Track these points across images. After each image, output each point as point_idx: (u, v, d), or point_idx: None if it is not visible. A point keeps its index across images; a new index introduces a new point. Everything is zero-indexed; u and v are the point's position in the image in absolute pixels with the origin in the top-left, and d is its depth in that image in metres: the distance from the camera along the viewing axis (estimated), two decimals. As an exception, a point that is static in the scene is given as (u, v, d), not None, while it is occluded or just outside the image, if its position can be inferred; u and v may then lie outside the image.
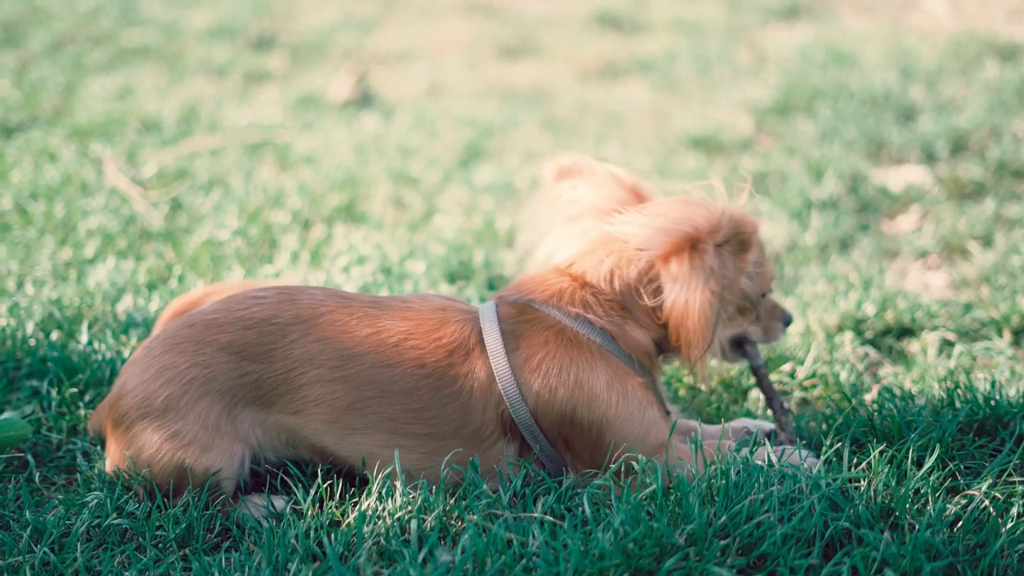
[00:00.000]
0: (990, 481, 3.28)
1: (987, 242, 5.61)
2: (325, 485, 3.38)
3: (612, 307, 3.46)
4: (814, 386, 4.21)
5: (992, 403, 3.70)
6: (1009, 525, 3.10)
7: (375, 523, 3.19)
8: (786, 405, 3.70)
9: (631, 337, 3.46)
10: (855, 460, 3.44)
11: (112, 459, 3.45)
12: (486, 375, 3.37)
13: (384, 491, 3.30)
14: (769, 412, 3.86)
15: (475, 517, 3.15)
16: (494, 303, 3.50)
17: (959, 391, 3.81)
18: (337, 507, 3.34)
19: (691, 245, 3.33)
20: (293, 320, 3.40)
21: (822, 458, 3.40)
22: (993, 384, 3.82)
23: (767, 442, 3.53)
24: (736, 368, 4.25)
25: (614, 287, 3.46)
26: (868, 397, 4.05)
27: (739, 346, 3.75)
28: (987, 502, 3.18)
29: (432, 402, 3.37)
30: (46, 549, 3.18)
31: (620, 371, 3.39)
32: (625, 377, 3.39)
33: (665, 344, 3.52)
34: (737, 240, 3.42)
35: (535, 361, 3.37)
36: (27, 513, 3.32)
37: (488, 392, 3.37)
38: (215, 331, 3.40)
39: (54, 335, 4.36)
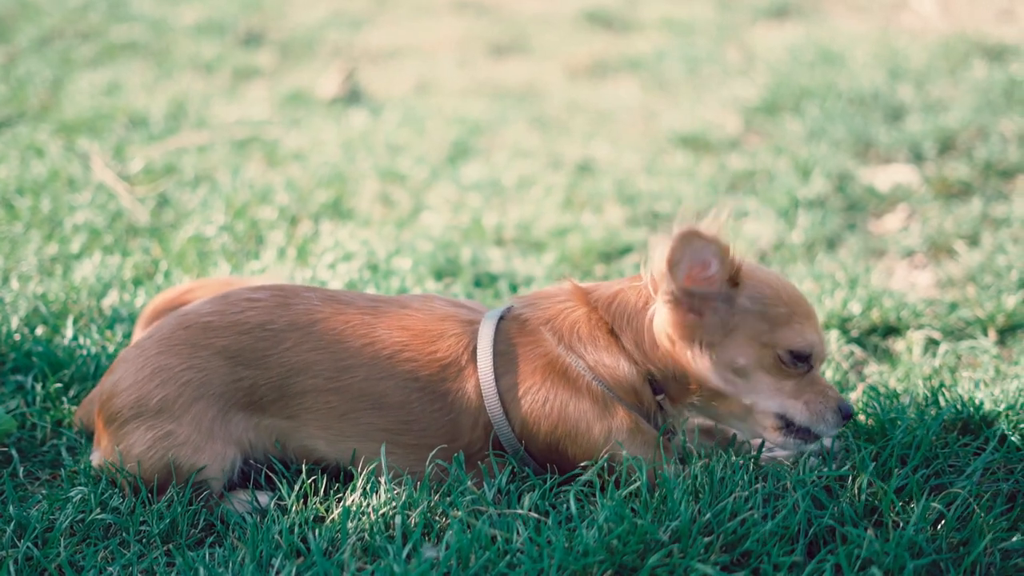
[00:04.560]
0: (974, 480, 3.29)
1: (973, 241, 5.62)
2: (309, 481, 3.37)
3: (600, 336, 3.35)
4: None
5: (976, 402, 3.70)
6: (992, 523, 3.10)
7: (359, 519, 3.19)
8: None
9: (613, 368, 3.32)
10: (839, 458, 3.45)
11: (101, 454, 3.44)
12: (477, 395, 3.35)
13: (368, 487, 3.30)
14: None
15: (459, 513, 3.15)
16: (500, 314, 3.46)
17: (944, 390, 3.82)
18: (321, 503, 3.34)
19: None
20: (288, 327, 3.39)
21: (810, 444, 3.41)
22: (977, 383, 3.83)
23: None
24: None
25: (610, 310, 3.35)
26: (853, 395, 4.05)
27: (789, 428, 3.34)
28: (971, 500, 3.18)
29: (423, 415, 3.37)
30: (29, 544, 3.18)
31: (609, 409, 3.31)
32: (612, 413, 3.31)
33: (664, 383, 3.34)
34: (726, 257, 3.19)
35: (521, 389, 3.34)
36: (10, 508, 3.32)
37: (478, 411, 3.36)
38: (210, 334, 3.39)
39: (39, 330, 4.35)
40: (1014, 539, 3.06)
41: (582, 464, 3.30)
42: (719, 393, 3.29)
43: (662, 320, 3.25)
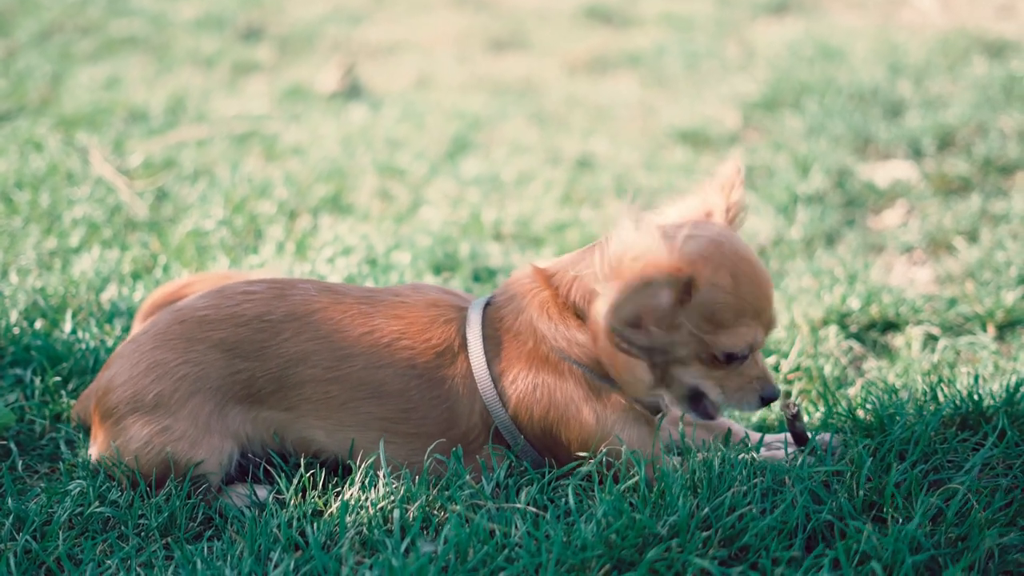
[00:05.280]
0: (973, 475, 3.29)
1: (972, 237, 5.62)
2: (308, 475, 3.37)
3: (569, 317, 3.31)
4: (798, 379, 4.21)
5: (975, 397, 3.70)
6: (991, 518, 3.10)
7: (358, 513, 3.19)
8: (794, 408, 3.49)
9: (588, 347, 3.29)
10: (838, 452, 3.44)
11: (98, 449, 3.44)
12: (471, 380, 3.36)
13: (367, 481, 3.30)
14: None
15: (458, 507, 3.15)
16: (484, 303, 3.46)
17: (942, 385, 3.81)
18: (320, 497, 3.34)
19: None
20: (286, 317, 3.38)
21: (807, 450, 3.40)
22: (976, 379, 3.82)
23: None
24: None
25: (570, 297, 3.31)
26: (852, 391, 4.05)
27: (698, 399, 3.34)
28: (970, 495, 3.18)
29: (421, 403, 3.37)
30: (28, 537, 3.18)
31: (594, 389, 3.31)
32: (599, 395, 3.31)
33: None
34: (679, 283, 3.11)
35: (511, 375, 3.34)
36: (9, 501, 3.32)
37: (473, 397, 3.36)
38: (206, 328, 3.39)
39: (38, 324, 4.35)
40: (1013, 534, 3.06)
41: (579, 453, 3.30)
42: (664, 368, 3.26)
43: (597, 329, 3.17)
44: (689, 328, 3.14)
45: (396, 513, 3.13)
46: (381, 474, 3.28)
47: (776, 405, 3.88)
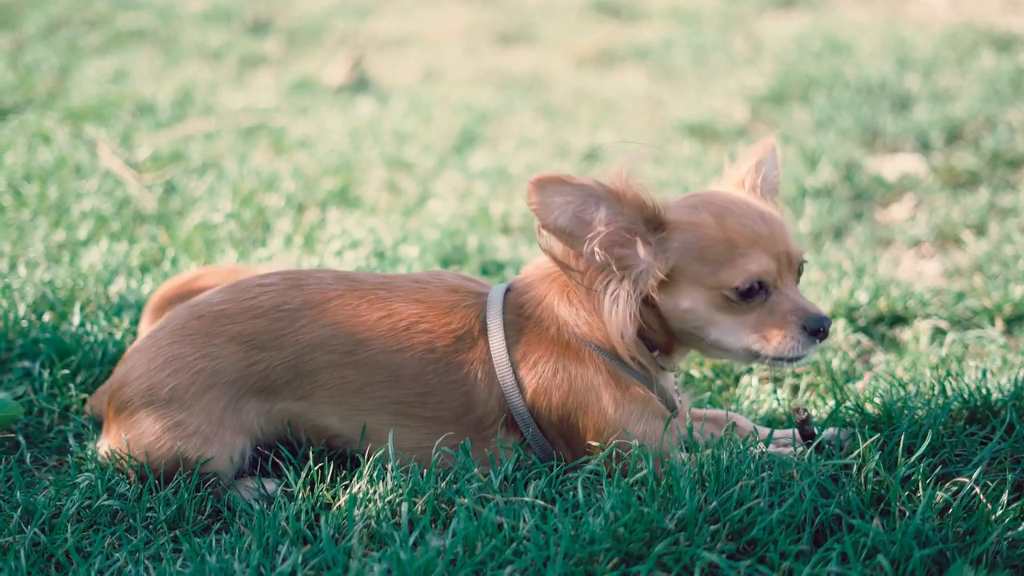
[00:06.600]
0: (981, 469, 3.28)
1: (980, 231, 5.61)
2: (316, 468, 3.37)
3: (591, 303, 3.32)
4: (807, 372, 4.21)
5: (983, 391, 3.69)
6: (999, 512, 3.10)
7: (366, 506, 3.19)
8: (804, 413, 3.47)
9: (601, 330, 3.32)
10: (846, 447, 3.44)
11: (109, 442, 3.43)
12: (490, 365, 3.36)
13: (375, 474, 3.30)
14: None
15: (466, 501, 3.15)
16: (505, 289, 3.46)
17: (950, 379, 3.81)
18: (328, 490, 3.34)
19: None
20: (303, 306, 3.38)
21: (813, 443, 3.40)
22: (984, 373, 3.81)
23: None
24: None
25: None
26: (860, 384, 4.05)
27: (755, 356, 3.28)
28: (977, 489, 3.18)
29: (438, 387, 3.36)
30: (36, 530, 3.18)
31: (614, 377, 3.31)
32: (619, 384, 3.31)
33: (648, 336, 3.36)
34: (642, 214, 3.24)
35: (531, 360, 3.34)
36: (18, 494, 3.32)
37: (491, 383, 3.36)
38: (224, 322, 3.39)
39: (46, 317, 4.36)
40: (1021, 528, 3.06)
41: (593, 443, 3.30)
42: (693, 335, 3.30)
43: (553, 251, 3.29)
44: (685, 267, 3.20)
45: (404, 506, 3.13)
46: (389, 467, 3.28)
47: (783, 407, 3.88)
